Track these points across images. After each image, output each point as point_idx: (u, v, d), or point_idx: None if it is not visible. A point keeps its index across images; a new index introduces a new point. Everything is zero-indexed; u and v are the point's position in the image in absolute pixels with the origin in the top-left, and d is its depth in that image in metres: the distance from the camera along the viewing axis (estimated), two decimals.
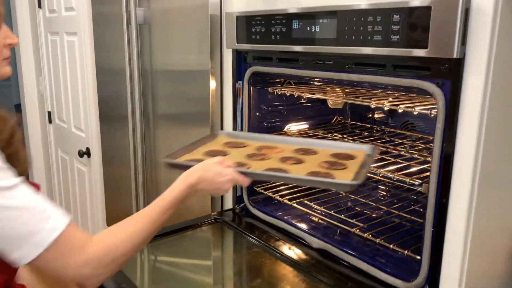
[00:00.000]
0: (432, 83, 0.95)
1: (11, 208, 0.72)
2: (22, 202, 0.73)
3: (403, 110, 1.12)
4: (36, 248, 0.73)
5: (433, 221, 0.99)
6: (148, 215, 0.89)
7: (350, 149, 1.17)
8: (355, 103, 1.36)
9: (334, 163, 1.09)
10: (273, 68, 1.33)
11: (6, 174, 0.74)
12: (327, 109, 1.72)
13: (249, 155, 1.17)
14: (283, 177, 1.05)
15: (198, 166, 0.99)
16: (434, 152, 0.97)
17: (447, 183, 0.95)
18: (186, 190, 0.95)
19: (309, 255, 1.24)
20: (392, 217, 1.35)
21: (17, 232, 0.72)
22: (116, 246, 0.81)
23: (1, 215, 0.71)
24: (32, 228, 0.73)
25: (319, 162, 1.10)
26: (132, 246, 0.84)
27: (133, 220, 0.88)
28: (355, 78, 1.11)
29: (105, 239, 0.82)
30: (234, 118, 1.50)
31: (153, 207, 0.91)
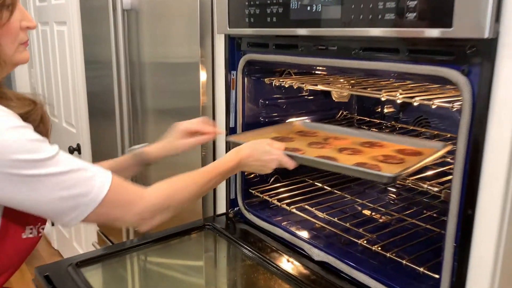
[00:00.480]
0: (456, 70, 0.79)
1: (58, 174, 0.74)
2: (66, 166, 0.76)
3: (419, 103, 0.95)
4: (90, 205, 0.77)
5: (455, 235, 0.83)
6: (201, 177, 0.96)
7: (419, 146, 1.12)
8: (362, 95, 1.20)
9: (391, 157, 1.05)
10: (270, 56, 1.18)
11: (45, 146, 0.75)
12: (331, 103, 1.56)
13: (311, 143, 1.20)
14: (323, 162, 1.05)
15: (249, 143, 1.06)
16: (457, 153, 0.81)
17: (473, 191, 0.79)
18: (237, 162, 1.01)
19: (309, 269, 1.08)
20: (404, 224, 1.19)
21: (69, 194, 0.75)
22: (174, 194, 0.90)
23: (52, 181, 0.74)
24: (83, 188, 0.77)
25: (376, 155, 1.07)
26: (185, 198, 0.92)
27: (187, 177, 0.94)
28: (363, 66, 0.95)
29: (163, 188, 0.89)
30: (227, 112, 1.34)
31: (205, 172, 0.98)
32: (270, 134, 1.28)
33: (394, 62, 0.89)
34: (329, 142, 1.21)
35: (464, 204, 0.80)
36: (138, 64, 1.72)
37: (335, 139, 1.23)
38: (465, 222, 0.81)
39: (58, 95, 2.70)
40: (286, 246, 1.20)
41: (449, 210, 0.84)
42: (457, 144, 0.81)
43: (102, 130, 2.14)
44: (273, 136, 1.25)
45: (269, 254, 1.15)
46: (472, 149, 0.78)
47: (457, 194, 0.82)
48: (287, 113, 1.47)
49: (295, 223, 1.28)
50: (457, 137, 0.81)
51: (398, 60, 0.88)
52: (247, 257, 1.16)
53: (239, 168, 1.03)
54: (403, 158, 1.04)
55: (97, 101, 2.16)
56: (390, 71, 0.91)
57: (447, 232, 0.85)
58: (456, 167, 0.81)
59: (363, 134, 1.27)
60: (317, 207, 1.29)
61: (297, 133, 1.32)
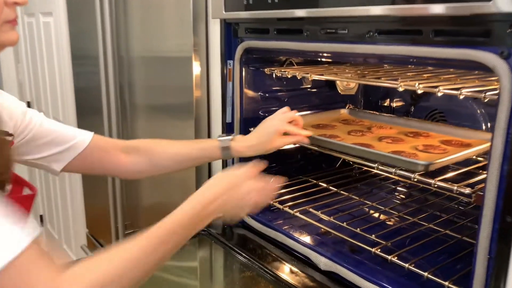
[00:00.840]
0: (493, 52, 0.67)
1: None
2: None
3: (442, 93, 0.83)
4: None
5: (490, 246, 0.71)
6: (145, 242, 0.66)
7: (470, 137, 1.05)
8: (374, 84, 1.08)
9: (433, 147, 0.99)
10: (271, 42, 1.05)
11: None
12: (336, 96, 1.44)
13: (351, 131, 1.16)
14: (351, 147, 0.99)
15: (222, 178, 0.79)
16: (493, 151, 0.69)
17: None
18: (198, 210, 0.73)
19: (315, 281, 0.97)
20: (420, 230, 1.08)
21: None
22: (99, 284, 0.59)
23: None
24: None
25: (417, 145, 1.01)
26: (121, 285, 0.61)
27: (122, 250, 0.65)
28: (378, 51, 0.83)
29: (83, 275, 0.59)
30: (223, 106, 1.22)
31: (153, 231, 0.68)
32: (314, 121, 1.25)
33: (417, 46, 0.77)
34: (372, 130, 1.17)
35: (502, 209, 0.69)
36: (127, 58, 1.59)
37: (379, 128, 1.19)
38: (503, 231, 0.69)
39: (45, 91, 2.57)
40: (289, 254, 1.08)
41: (482, 216, 0.72)
42: (493, 140, 0.69)
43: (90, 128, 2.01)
44: (315, 124, 1.23)
45: (271, 263, 1.03)
46: None
47: (493, 198, 0.70)
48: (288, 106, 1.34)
49: (298, 228, 1.16)
50: (493, 132, 0.69)
51: (421, 43, 0.76)
52: (246, 267, 1.04)
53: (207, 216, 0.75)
54: (445, 149, 0.97)
55: (85, 97, 2.04)
56: (411, 56, 0.79)
57: (479, 242, 0.73)
58: (491, 166, 0.69)
59: (414, 124, 1.21)
60: (323, 210, 1.17)
61: (341, 121, 1.29)
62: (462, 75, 1.02)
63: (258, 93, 1.25)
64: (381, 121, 1.27)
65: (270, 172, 0.98)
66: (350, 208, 1.22)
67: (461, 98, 0.80)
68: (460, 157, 0.91)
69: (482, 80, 0.96)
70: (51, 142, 0.90)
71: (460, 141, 1.04)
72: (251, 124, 1.24)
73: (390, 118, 1.29)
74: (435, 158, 0.88)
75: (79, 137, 0.92)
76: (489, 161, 0.70)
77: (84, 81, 2.02)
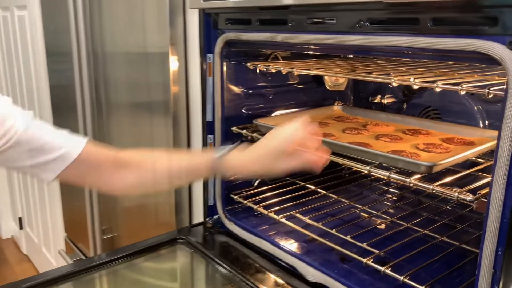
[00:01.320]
0: (500, 43, 0.59)
1: None
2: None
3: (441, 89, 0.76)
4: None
5: (495, 258, 0.64)
6: None
7: (473, 135, 0.98)
8: (365, 79, 1.01)
9: (435, 146, 0.92)
10: (253, 34, 0.97)
11: None
12: (324, 92, 1.36)
13: (346, 128, 1.09)
14: (348, 147, 0.92)
15: None
16: (499, 153, 0.61)
17: None
18: None
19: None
20: (415, 236, 1.00)
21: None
22: None
23: None
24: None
25: (417, 143, 0.94)
26: None
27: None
28: (370, 42, 0.75)
29: None
30: (203, 103, 1.13)
31: None
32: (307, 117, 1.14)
33: (414, 36, 0.69)
34: (368, 128, 1.10)
35: (509, 221, 0.61)
36: (102, 55, 1.49)
37: (375, 125, 1.12)
38: (510, 243, 0.61)
39: (21, 88, 2.46)
40: (275, 264, 1.00)
41: (486, 225, 0.64)
42: (499, 141, 0.61)
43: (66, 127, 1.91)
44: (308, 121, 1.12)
45: (254, 275, 0.95)
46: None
47: (498, 206, 0.62)
48: (274, 104, 1.26)
49: (285, 234, 1.08)
50: (500, 132, 0.61)
51: (418, 33, 0.68)
52: (228, 279, 0.95)
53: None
54: (448, 147, 0.91)
55: (60, 95, 1.94)
56: (407, 48, 0.71)
57: (482, 253, 0.65)
58: (497, 170, 0.62)
59: (411, 121, 1.14)
60: (311, 215, 1.08)
61: (335, 119, 1.22)
62: (459, 69, 0.95)
63: (240, 90, 1.17)
64: (377, 118, 1.20)
65: None
66: (339, 212, 1.15)
67: (462, 94, 0.72)
68: (466, 157, 0.84)
69: (482, 75, 0.88)
70: (36, 149, 0.76)
71: (462, 139, 0.97)
72: (233, 123, 1.15)
73: (386, 115, 1.21)
74: (439, 158, 0.81)
75: (67, 147, 0.79)
76: (494, 164, 0.62)
77: (59, 78, 1.91)
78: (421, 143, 0.94)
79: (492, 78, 0.83)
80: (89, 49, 1.51)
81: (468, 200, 0.69)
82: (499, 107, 1.05)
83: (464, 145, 0.93)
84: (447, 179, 0.78)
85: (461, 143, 0.94)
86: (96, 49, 1.51)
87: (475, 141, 0.94)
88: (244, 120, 1.18)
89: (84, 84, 1.52)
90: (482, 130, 1.02)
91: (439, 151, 0.88)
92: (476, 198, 0.69)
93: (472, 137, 0.97)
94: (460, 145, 0.93)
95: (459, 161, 0.82)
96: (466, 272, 0.85)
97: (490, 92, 0.68)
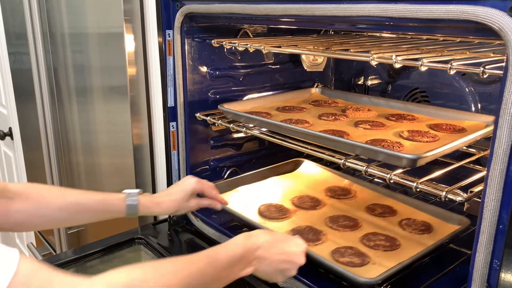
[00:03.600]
0: (499, 9, 0.48)
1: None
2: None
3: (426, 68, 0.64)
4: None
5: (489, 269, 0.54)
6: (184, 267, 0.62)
7: (458, 119, 0.88)
8: (340, 58, 0.90)
9: (420, 133, 0.81)
10: (214, 6, 0.84)
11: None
12: (303, 74, 1.24)
13: (322, 114, 0.97)
14: (321, 136, 0.80)
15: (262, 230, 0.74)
16: (496, 144, 0.50)
17: None
18: (247, 249, 0.67)
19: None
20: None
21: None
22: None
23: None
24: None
25: (401, 130, 0.84)
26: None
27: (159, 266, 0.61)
28: (344, 12, 0.63)
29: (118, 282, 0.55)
30: (163, 86, 1.00)
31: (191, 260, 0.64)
32: (280, 103, 1.06)
33: (395, 3, 0.57)
34: (347, 113, 0.98)
35: (508, 227, 0.50)
36: (60, 36, 1.35)
37: (355, 110, 1.00)
38: (509, 255, 0.51)
39: None
40: None
41: (479, 230, 0.54)
42: (496, 130, 0.50)
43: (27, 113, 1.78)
44: (282, 106, 1.03)
45: None
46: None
47: (494, 207, 0.52)
48: (246, 87, 1.14)
49: None
50: (497, 118, 0.50)
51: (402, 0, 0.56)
52: None
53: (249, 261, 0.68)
54: (436, 135, 0.80)
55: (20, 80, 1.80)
56: (387, 18, 0.59)
57: (474, 263, 0.55)
58: (493, 165, 0.51)
59: (395, 105, 1.02)
60: None
61: (311, 103, 1.09)
62: (450, 46, 0.83)
63: (206, 71, 1.04)
64: (358, 101, 1.08)
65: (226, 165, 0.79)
66: None
67: (451, 73, 0.61)
68: (456, 146, 0.72)
69: (474, 51, 0.77)
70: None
71: (452, 125, 0.85)
72: (199, 108, 1.03)
73: (368, 98, 1.09)
74: (425, 149, 0.69)
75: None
76: (490, 158, 0.52)
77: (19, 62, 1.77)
78: (406, 131, 0.83)
79: (487, 55, 0.72)
80: (45, 30, 1.36)
81: (458, 200, 0.58)
82: (493, 89, 0.95)
83: (454, 132, 0.82)
84: (434, 174, 0.67)
85: (450, 130, 0.83)
86: (54, 31, 1.37)
87: (466, 128, 0.83)
88: (212, 106, 1.06)
89: (40, 68, 1.39)
90: (474, 115, 0.91)
91: (426, 139, 0.77)
92: (468, 197, 0.58)
93: (463, 122, 0.86)
94: (449, 132, 0.82)
95: (447, 152, 0.71)
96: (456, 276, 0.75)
97: (486, 71, 0.57)
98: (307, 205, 0.97)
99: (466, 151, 0.81)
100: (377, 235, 0.83)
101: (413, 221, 0.87)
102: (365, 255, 0.77)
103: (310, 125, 0.90)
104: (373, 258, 0.76)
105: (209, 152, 1.10)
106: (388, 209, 0.93)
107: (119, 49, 1.03)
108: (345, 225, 0.87)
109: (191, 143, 1.04)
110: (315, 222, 0.90)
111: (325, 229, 0.87)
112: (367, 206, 0.95)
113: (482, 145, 0.83)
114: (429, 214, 0.88)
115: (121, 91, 1.07)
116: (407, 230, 0.85)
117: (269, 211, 0.94)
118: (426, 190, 0.62)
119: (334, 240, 0.83)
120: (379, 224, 0.88)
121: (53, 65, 1.41)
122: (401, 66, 1.04)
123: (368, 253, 0.77)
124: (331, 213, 0.93)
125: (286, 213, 0.93)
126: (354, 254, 0.77)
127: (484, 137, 0.78)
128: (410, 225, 0.86)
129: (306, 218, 0.92)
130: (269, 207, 0.96)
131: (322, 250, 0.79)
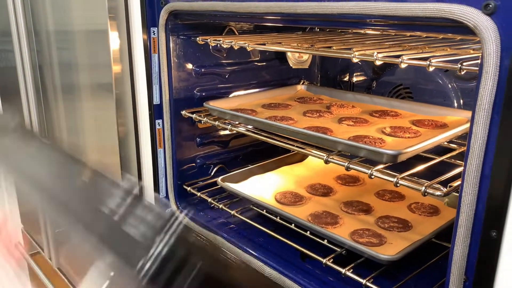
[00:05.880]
0: (473, 6, 0.49)
1: None
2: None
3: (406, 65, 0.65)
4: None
5: (467, 264, 0.55)
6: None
7: (440, 115, 0.90)
8: (323, 55, 0.91)
9: (403, 129, 0.83)
10: (198, 3, 0.84)
11: None
12: (289, 71, 1.24)
13: (307, 111, 0.98)
14: (303, 132, 0.81)
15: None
16: (472, 142, 0.51)
17: (502, 200, 0.50)
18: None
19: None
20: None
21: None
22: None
23: None
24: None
25: (384, 127, 0.85)
26: None
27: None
28: (324, 10, 0.63)
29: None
30: (148, 84, 1.01)
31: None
32: (266, 100, 1.07)
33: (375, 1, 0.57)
34: (331, 110, 1.00)
35: (483, 220, 0.51)
36: (45, 33, 1.34)
37: (339, 107, 1.02)
38: (485, 247, 0.52)
39: None
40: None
41: (457, 224, 0.55)
42: (473, 127, 0.51)
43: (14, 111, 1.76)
44: (266, 103, 1.05)
45: None
46: (501, 135, 0.49)
47: (471, 201, 0.53)
48: (232, 84, 1.14)
49: (243, 229, 0.97)
50: (473, 114, 0.51)
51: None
52: None
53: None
54: (418, 131, 0.82)
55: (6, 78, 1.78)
56: (366, 15, 0.59)
57: (452, 259, 0.56)
58: (470, 160, 0.52)
59: (379, 101, 1.04)
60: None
61: (297, 100, 1.11)
62: (432, 43, 0.84)
63: (192, 68, 1.04)
64: (343, 98, 1.09)
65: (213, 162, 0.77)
66: None
67: (430, 70, 0.62)
68: (437, 142, 0.74)
69: (455, 48, 0.78)
70: None
71: (434, 121, 0.87)
72: (184, 106, 1.04)
73: (353, 95, 1.10)
74: (406, 145, 0.71)
75: None
76: (467, 153, 0.53)
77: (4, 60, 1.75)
78: (388, 127, 0.84)
79: (467, 52, 0.73)
80: (29, 28, 1.36)
81: (437, 195, 0.60)
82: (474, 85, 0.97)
83: (435, 128, 0.83)
84: (415, 169, 0.68)
85: (432, 125, 0.84)
86: (39, 28, 1.36)
87: (448, 123, 0.84)
88: (198, 103, 1.06)
89: (25, 65, 1.38)
90: (456, 111, 0.92)
91: (407, 135, 0.79)
92: (447, 192, 0.59)
93: (445, 118, 0.87)
94: (431, 128, 0.83)
95: (428, 148, 0.72)
96: (438, 271, 0.77)
97: (463, 68, 0.58)
98: (320, 192, 1.01)
99: (448, 147, 0.82)
100: (389, 218, 0.88)
101: (421, 204, 0.92)
102: (382, 236, 0.81)
103: (294, 122, 0.91)
104: (390, 238, 0.80)
105: (195, 150, 1.11)
106: (396, 194, 0.98)
107: (104, 47, 1.03)
108: (360, 209, 0.92)
109: (177, 140, 1.05)
110: (330, 207, 0.94)
111: (341, 213, 0.91)
112: (376, 192, 1.00)
113: (464, 140, 0.85)
114: None
115: (106, 89, 1.06)
116: (417, 212, 0.89)
117: (286, 198, 0.97)
118: (406, 185, 0.64)
119: (351, 223, 0.87)
120: (390, 207, 0.92)
121: (38, 63, 1.40)
122: (385, 63, 1.05)
123: (384, 234, 0.82)
124: (344, 199, 0.97)
125: (302, 200, 0.97)
126: (372, 235, 0.81)
127: (465, 133, 0.80)
128: (419, 208, 0.91)
129: (321, 204, 0.95)
130: (285, 194, 0.99)
131: (342, 232, 0.83)
